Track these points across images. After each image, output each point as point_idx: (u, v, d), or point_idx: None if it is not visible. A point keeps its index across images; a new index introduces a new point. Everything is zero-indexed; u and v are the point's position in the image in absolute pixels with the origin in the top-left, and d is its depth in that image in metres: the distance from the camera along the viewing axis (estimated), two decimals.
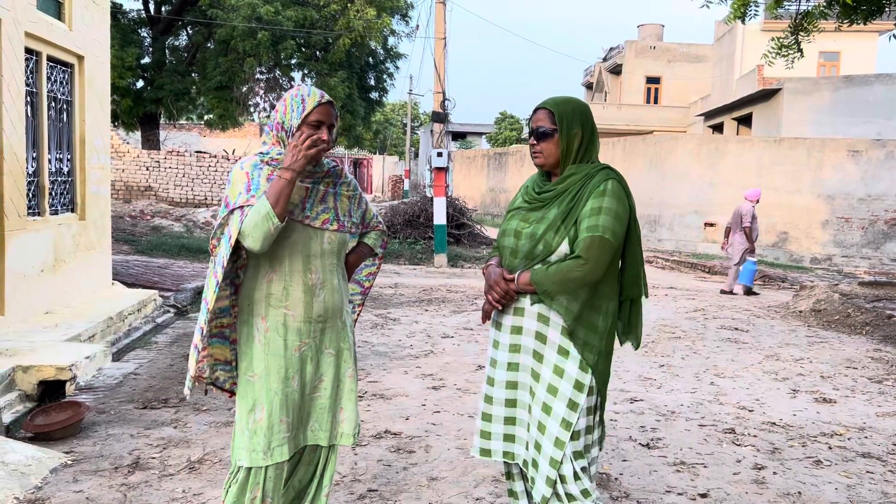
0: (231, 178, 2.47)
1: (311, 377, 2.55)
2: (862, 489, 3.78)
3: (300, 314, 2.49)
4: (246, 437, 2.45)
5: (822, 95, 21.81)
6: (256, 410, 2.45)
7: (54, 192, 6.60)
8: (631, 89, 35.67)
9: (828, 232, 18.07)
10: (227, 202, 2.43)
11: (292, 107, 2.45)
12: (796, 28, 8.40)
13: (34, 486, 3.45)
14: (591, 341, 2.44)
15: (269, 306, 2.48)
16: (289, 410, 2.48)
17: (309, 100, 2.45)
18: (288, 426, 2.47)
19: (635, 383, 5.79)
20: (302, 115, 2.43)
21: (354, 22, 20.13)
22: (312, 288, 2.51)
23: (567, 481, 2.39)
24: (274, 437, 2.44)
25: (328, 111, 2.46)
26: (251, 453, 2.43)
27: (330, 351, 2.58)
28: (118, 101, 20.53)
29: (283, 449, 2.46)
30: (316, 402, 2.57)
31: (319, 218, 2.52)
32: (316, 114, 2.44)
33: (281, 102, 2.51)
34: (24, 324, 5.75)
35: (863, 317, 8.73)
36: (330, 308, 2.55)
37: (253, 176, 2.43)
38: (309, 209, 2.50)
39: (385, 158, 53.98)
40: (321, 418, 2.58)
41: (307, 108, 2.44)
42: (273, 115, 2.54)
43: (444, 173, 14.55)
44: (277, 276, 2.48)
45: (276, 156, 2.48)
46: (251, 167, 2.46)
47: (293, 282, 2.48)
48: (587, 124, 2.52)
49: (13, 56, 5.59)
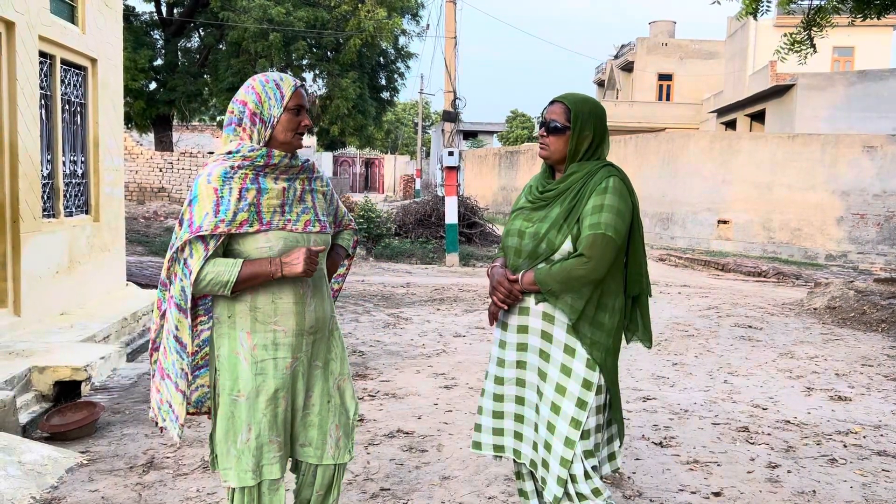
0: (195, 192, 2.22)
1: (301, 395, 2.39)
2: (877, 487, 3.75)
3: (291, 328, 2.31)
4: (233, 458, 2.27)
5: (836, 91, 21.63)
6: (244, 432, 2.27)
7: (69, 193, 6.65)
8: (643, 86, 35.49)
9: (843, 228, 17.91)
10: (191, 220, 2.19)
11: (267, 94, 2.28)
12: (809, 23, 8.34)
13: (50, 486, 3.49)
14: (597, 339, 2.42)
15: (256, 321, 2.28)
16: (279, 429, 2.31)
17: (284, 84, 2.30)
18: (279, 445, 2.32)
19: (648, 382, 5.77)
20: (283, 102, 2.29)
21: (365, 22, 20.16)
22: (304, 297, 2.34)
23: (578, 480, 2.38)
24: (264, 457, 2.29)
25: (304, 94, 2.33)
26: (240, 474, 2.27)
27: (317, 363, 2.43)
28: (131, 103, 20.68)
29: (275, 467, 2.31)
30: (306, 421, 2.42)
31: (301, 220, 2.34)
32: (295, 98, 2.31)
33: (248, 91, 2.30)
34: (40, 324, 5.80)
35: (878, 314, 8.65)
36: (321, 318, 2.41)
37: (223, 193, 2.21)
38: (289, 212, 2.32)
39: (396, 158, 54.08)
40: (311, 436, 2.43)
41: (286, 94, 2.30)
42: (237, 108, 2.31)
43: (456, 172, 14.55)
44: (263, 287, 2.28)
45: (247, 153, 2.26)
46: (220, 180, 2.22)
47: (283, 294, 2.30)
48: (599, 128, 2.51)
49: (27, 60, 5.64)
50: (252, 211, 2.25)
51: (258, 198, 2.26)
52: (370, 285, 10.82)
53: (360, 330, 7.47)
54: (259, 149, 2.28)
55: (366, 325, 7.71)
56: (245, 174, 2.26)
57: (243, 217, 2.23)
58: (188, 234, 2.19)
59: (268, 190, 2.29)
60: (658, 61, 35.26)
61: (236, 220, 2.22)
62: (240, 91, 2.34)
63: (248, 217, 2.24)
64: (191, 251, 2.20)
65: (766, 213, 18.47)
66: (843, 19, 8.75)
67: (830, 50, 25.24)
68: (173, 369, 2.28)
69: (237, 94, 2.34)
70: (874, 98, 21.20)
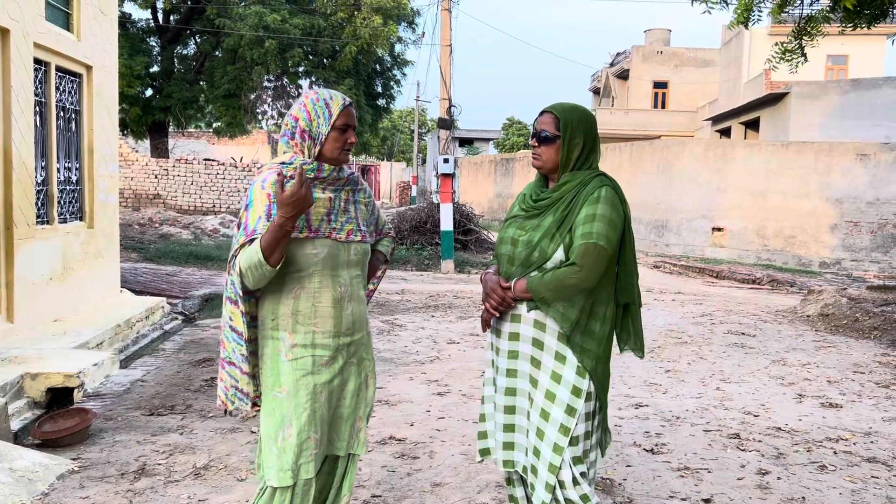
0: (251, 197, 2.36)
1: (337, 390, 2.50)
2: (867, 494, 3.77)
3: (329, 329, 2.43)
4: (274, 456, 2.37)
5: (829, 99, 21.76)
6: (285, 428, 2.37)
7: (63, 200, 6.66)
8: (638, 94, 35.62)
9: (836, 236, 17.99)
10: (246, 224, 2.33)
11: (317, 113, 2.38)
12: (800, 32, 8.39)
13: (41, 493, 3.49)
14: (588, 347, 2.45)
15: (297, 323, 2.40)
16: (317, 426, 2.42)
17: (333, 104, 2.40)
18: (316, 442, 2.42)
19: (641, 388, 5.79)
20: (331, 121, 2.39)
21: (361, 30, 20.24)
22: (341, 301, 2.45)
23: (566, 486, 2.40)
24: (303, 455, 2.38)
25: (352, 113, 2.43)
26: (280, 472, 2.36)
27: (352, 361, 2.54)
28: (127, 110, 20.71)
29: (310, 466, 2.40)
30: (336, 414, 2.52)
31: (344, 229, 2.46)
32: (343, 117, 2.40)
33: (300, 109, 2.41)
34: (33, 331, 5.80)
35: (871, 321, 8.69)
36: (357, 321, 2.51)
37: (275, 199, 2.29)
38: (334, 220, 2.44)
39: (393, 165, 54.15)
40: (341, 429, 2.54)
41: (334, 113, 2.39)
42: (291, 122, 2.42)
43: (451, 179, 14.58)
44: (305, 292, 2.40)
45: (300, 166, 2.36)
46: (273, 186, 2.32)
47: (322, 297, 2.41)
48: (590, 135, 2.54)
49: (22, 67, 5.66)
50: (303, 218, 2.35)
51: None
52: None
53: None
54: (310, 163, 2.39)
55: None
56: None
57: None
58: (244, 238, 2.30)
59: (316, 199, 2.40)
60: (653, 69, 35.41)
61: None
62: (294, 106, 2.45)
63: (298, 223, 2.33)
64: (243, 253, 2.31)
65: (761, 221, 18.54)
66: (835, 28, 8.81)
67: (824, 58, 25.41)
68: (235, 356, 2.43)
69: (291, 109, 2.46)
70: (867, 106, 21.33)
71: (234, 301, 2.38)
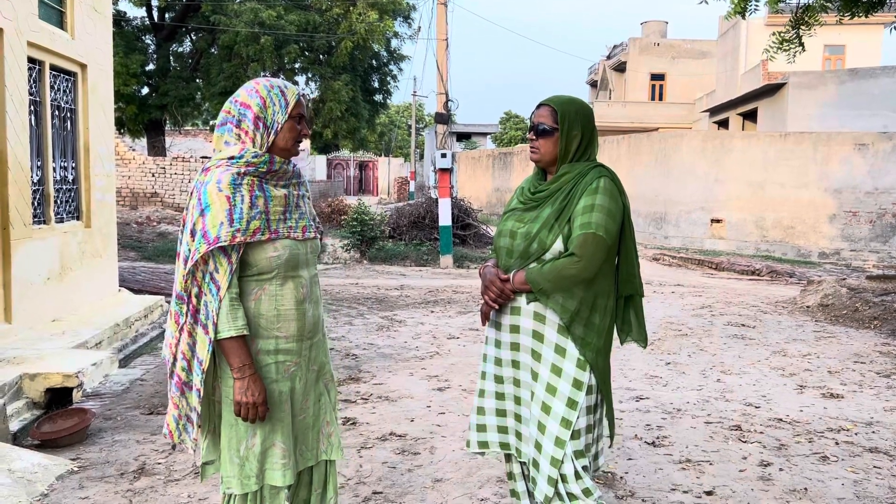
0: (206, 201, 2.17)
1: (300, 397, 2.40)
2: (869, 484, 3.76)
3: (293, 333, 2.32)
4: (237, 466, 2.27)
5: (827, 89, 21.71)
6: (248, 437, 2.27)
7: (59, 200, 6.63)
8: (635, 86, 35.55)
9: (835, 226, 17.97)
10: (205, 230, 2.15)
11: (272, 100, 2.28)
12: (797, 22, 8.36)
13: (41, 493, 3.48)
14: (589, 339, 2.43)
15: (259, 327, 2.28)
16: (284, 436, 2.32)
17: (289, 92, 2.31)
18: (284, 452, 2.31)
19: (641, 381, 5.78)
20: (287, 110, 2.30)
21: (357, 25, 20.17)
22: (303, 303, 2.35)
23: (568, 480, 2.39)
24: (267, 461, 2.29)
25: (304, 103, 2.37)
26: (243, 480, 2.27)
27: (313, 368, 2.44)
28: (123, 108, 20.64)
29: (277, 474, 2.29)
30: (302, 424, 2.42)
31: (299, 226, 2.36)
32: (297, 107, 2.32)
33: (251, 95, 2.28)
34: (31, 331, 5.78)
35: (871, 311, 8.68)
36: (317, 322, 2.43)
37: (235, 202, 2.19)
38: (289, 218, 2.33)
39: (390, 160, 54.04)
40: (308, 439, 2.44)
41: (290, 101, 2.31)
42: (238, 109, 2.29)
43: (449, 174, 14.56)
44: (266, 294, 2.28)
45: (251, 159, 2.24)
46: (230, 187, 2.19)
47: (284, 300, 2.30)
48: (588, 127, 2.53)
49: (16, 66, 5.63)
50: (263, 219, 2.24)
51: (267, 205, 2.27)
52: (364, 288, 10.81)
53: (354, 333, 7.46)
54: (262, 155, 2.27)
55: (359, 328, 7.71)
56: (251, 181, 2.25)
57: (256, 225, 2.22)
58: (206, 246, 2.15)
59: (272, 197, 2.30)
60: (650, 61, 35.33)
61: (250, 228, 2.21)
62: (241, 93, 2.31)
63: (260, 225, 2.23)
64: (216, 265, 2.18)
65: (759, 212, 18.52)
66: (832, 18, 8.78)
67: (822, 48, 25.34)
68: (195, 379, 2.26)
69: (237, 96, 2.31)
70: (865, 96, 21.28)
71: (204, 326, 2.21)
